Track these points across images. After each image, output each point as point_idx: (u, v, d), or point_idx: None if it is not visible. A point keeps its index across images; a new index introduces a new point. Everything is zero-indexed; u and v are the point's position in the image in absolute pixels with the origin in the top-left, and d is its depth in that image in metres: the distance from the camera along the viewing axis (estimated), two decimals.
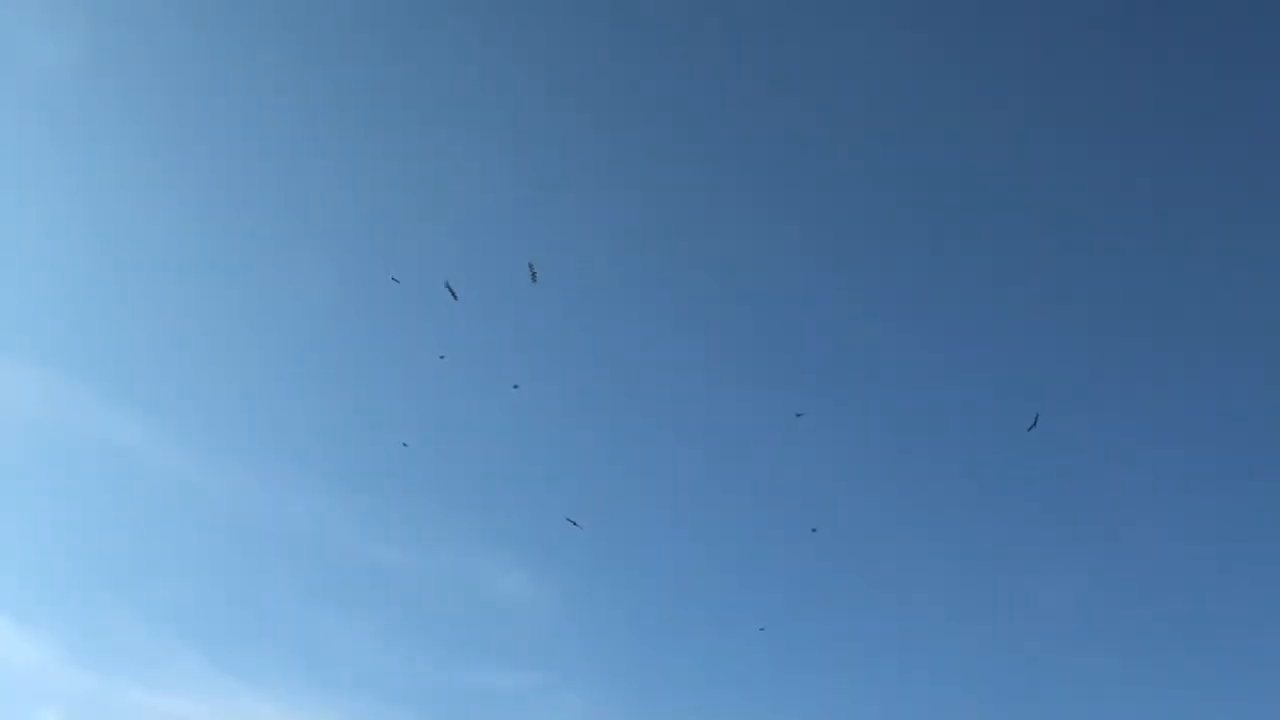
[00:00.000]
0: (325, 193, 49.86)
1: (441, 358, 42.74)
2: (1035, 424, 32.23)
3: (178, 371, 51.27)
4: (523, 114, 49.83)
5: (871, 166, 51.36)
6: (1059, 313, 52.80)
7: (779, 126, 50.65)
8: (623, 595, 51.62)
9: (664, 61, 49.86)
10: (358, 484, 51.71)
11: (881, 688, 49.70)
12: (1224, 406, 52.55)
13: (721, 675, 49.63)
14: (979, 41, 49.85)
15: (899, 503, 51.68)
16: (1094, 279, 52.32)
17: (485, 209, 50.25)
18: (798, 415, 37.64)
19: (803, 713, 48.20)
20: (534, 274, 34.63)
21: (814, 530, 41.64)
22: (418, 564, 50.76)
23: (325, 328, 51.73)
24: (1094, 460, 52.98)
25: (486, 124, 49.97)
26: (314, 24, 48.32)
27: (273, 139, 49.26)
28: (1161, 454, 53.02)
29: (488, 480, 52.01)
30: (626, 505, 52.76)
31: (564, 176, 50.69)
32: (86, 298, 50.56)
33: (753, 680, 49.27)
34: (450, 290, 34.97)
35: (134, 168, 48.81)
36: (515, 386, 41.04)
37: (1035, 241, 52.56)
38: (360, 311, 50.02)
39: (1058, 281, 52.58)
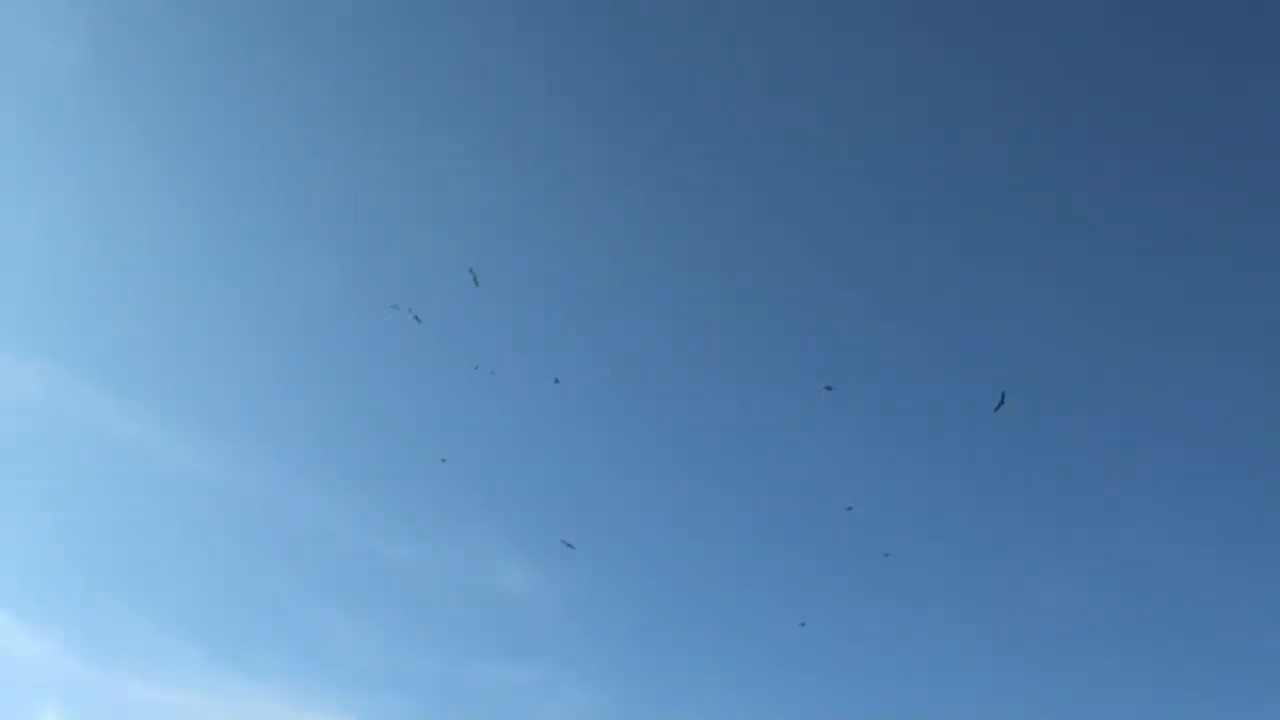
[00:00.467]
0: (326, 192, 49.87)
1: (476, 368, 43.05)
2: (1002, 403, 31.86)
3: (179, 367, 51.25)
4: (523, 114, 49.75)
5: (872, 166, 51.28)
6: (1060, 312, 52.71)
7: (778, 126, 50.59)
8: (624, 590, 51.65)
9: (664, 61, 49.76)
10: (359, 479, 51.79)
11: (881, 687, 49.74)
12: (1225, 406, 52.50)
13: (722, 671, 49.70)
14: (978, 41, 49.76)
15: (899, 502, 51.67)
16: (1095, 278, 52.23)
17: (485, 208, 50.23)
18: (827, 389, 37.16)
19: (802, 709, 48.26)
20: (475, 279, 36.16)
21: (850, 509, 41.10)
22: (419, 559, 50.83)
23: (327, 325, 51.71)
24: (1094, 460, 52.95)
25: (486, 124, 49.89)
26: (314, 24, 48.22)
27: (272, 138, 49.22)
28: (1162, 454, 52.97)
29: (489, 476, 51.96)
30: (627, 501, 52.75)
31: (564, 176, 50.66)
32: (90, 295, 50.62)
33: (752, 677, 49.34)
34: (415, 317, 36.11)
35: (134, 166, 48.81)
36: (556, 381, 41.05)
37: (1036, 241, 52.49)
38: (362, 309, 49.97)
39: (1058, 280, 52.50)
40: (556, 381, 41.64)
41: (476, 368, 43.50)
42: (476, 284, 36.33)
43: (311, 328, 51.57)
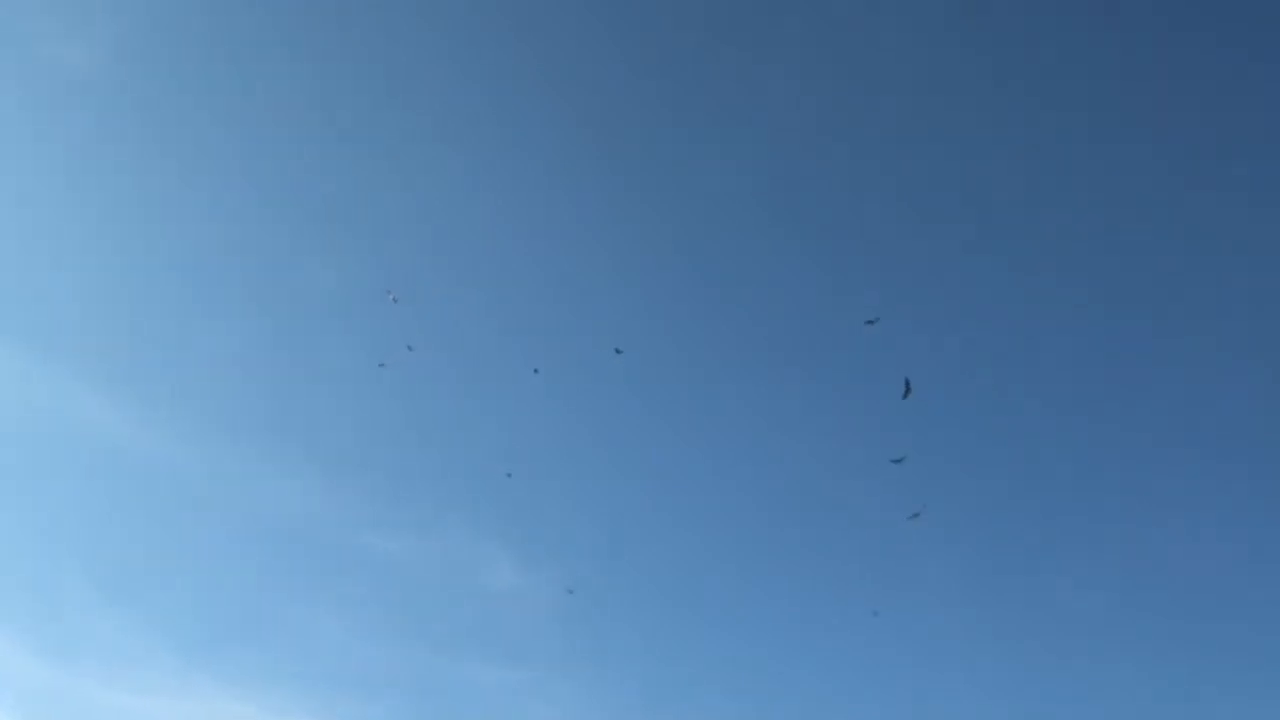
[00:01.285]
0: (316, 188, 49.51)
1: (536, 371, 43.10)
2: (908, 391, 30.90)
3: (150, 354, 49.77)
4: (522, 114, 49.69)
5: (881, 160, 50.17)
6: (1084, 309, 50.99)
7: (776, 124, 49.95)
8: (615, 590, 50.20)
9: (661, 58, 49.52)
10: (341, 470, 50.07)
11: (890, 690, 47.74)
12: (1256, 406, 50.35)
13: (718, 674, 47.99)
14: (976, 27, 48.88)
15: (911, 501, 49.84)
16: (1125, 275, 50.57)
17: (481, 205, 50.10)
18: (869, 322, 35.64)
19: (808, 714, 46.50)
20: (394, 299, 38.61)
21: (897, 460, 38.49)
22: (403, 554, 49.47)
23: (309, 314, 50.52)
24: (1120, 459, 51.05)
25: (485, 124, 49.87)
26: (321, 26, 48.65)
27: (264, 136, 49.05)
28: (1190, 454, 50.93)
29: (477, 467, 50.93)
30: (619, 498, 51.57)
31: (561, 174, 50.40)
32: (59, 282, 49.55)
33: (750, 679, 47.60)
34: (380, 363, 39.53)
35: (129, 164, 48.74)
36: (618, 350, 40.76)
37: (1058, 239, 50.93)
38: (349, 298, 49.57)
39: (1086, 278, 50.85)
40: (618, 351, 40.84)
41: (536, 370, 43.24)
42: (395, 301, 39.14)
43: (293, 317, 50.65)
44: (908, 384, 31.05)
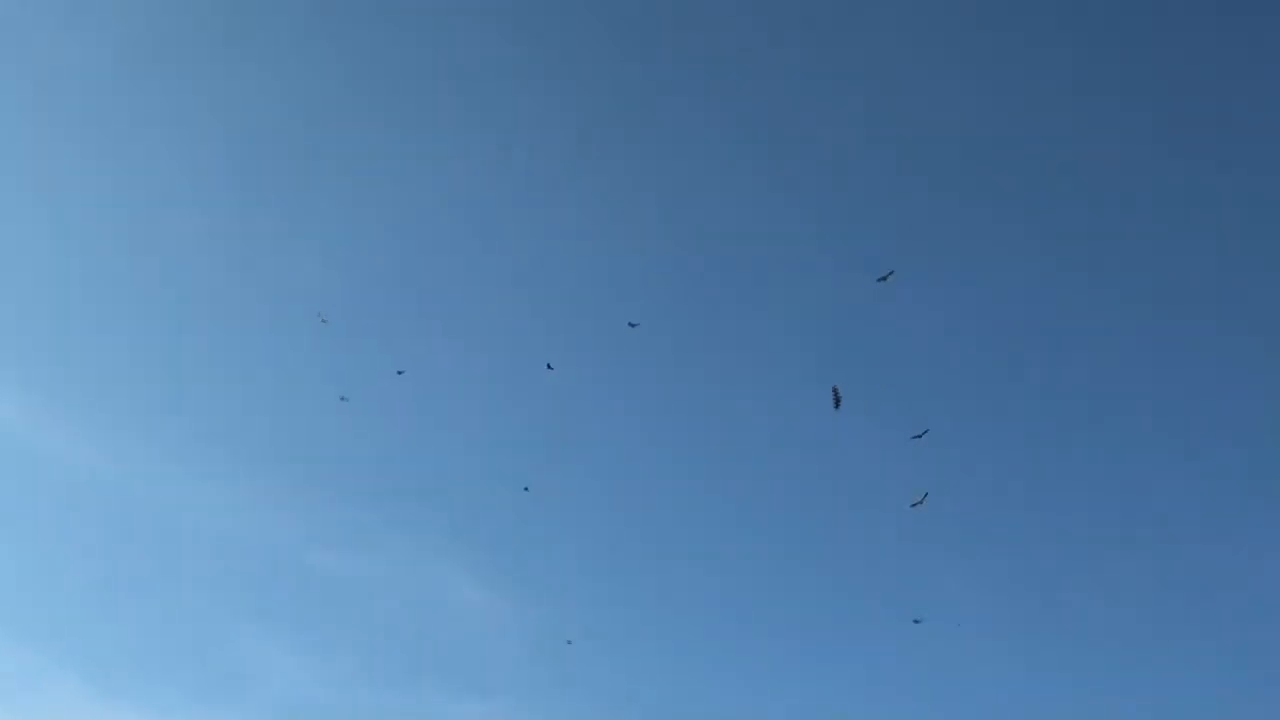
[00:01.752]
0: (291, 195, 47.86)
1: (550, 366, 40.76)
2: (838, 401, 30.04)
3: (66, 348, 45.70)
4: (523, 111, 48.92)
5: (892, 159, 49.02)
6: (1108, 312, 49.75)
7: (777, 120, 48.98)
8: (590, 619, 45.53)
9: (658, 49, 48.65)
10: (288, 480, 45.39)
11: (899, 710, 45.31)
12: None
13: (712, 697, 44.66)
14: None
15: (929, 516, 47.64)
16: (1140, 275, 49.42)
17: (466, 205, 48.93)
18: (881, 279, 33.65)
19: None
20: (323, 320, 38.98)
21: (918, 436, 35.76)
22: (356, 573, 44.55)
23: (256, 316, 46.89)
24: (1143, 469, 49.33)
25: (487, 122, 49.02)
26: (321, 27, 47.97)
27: (253, 137, 47.69)
28: (1217, 462, 49.20)
29: (440, 481, 46.88)
30: (597, 519, 47.31)
31: (559, 169, 49.43)
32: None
33: (742, 709, 44.11)
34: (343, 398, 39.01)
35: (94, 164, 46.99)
36: (632, 324, 38.92)
37: (1072, 236, 49.64)
38: (304, 306, 46.39)
39: (1102, 277, 49.62)
40: (633, 325, 38.39)
41: (550, 366, 40.35)
42: (324, 322, 39.13)
43: (246, 325, 47.59)
44: (836, 394, 30.09)
